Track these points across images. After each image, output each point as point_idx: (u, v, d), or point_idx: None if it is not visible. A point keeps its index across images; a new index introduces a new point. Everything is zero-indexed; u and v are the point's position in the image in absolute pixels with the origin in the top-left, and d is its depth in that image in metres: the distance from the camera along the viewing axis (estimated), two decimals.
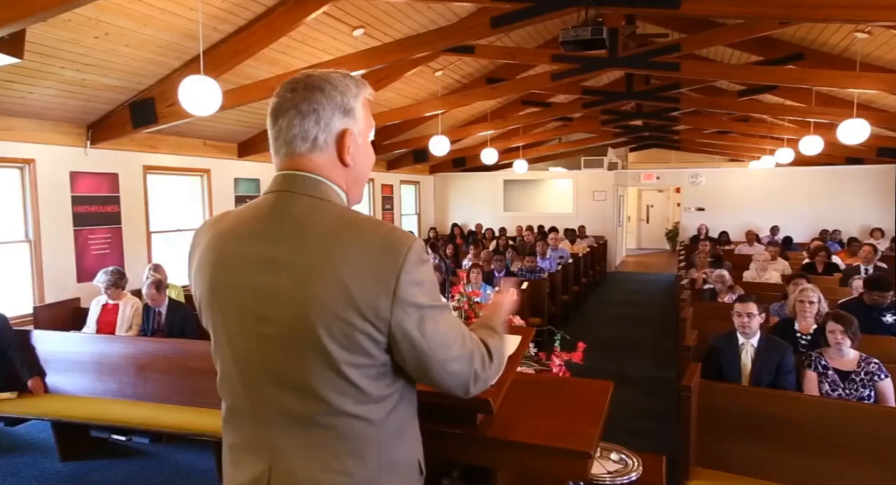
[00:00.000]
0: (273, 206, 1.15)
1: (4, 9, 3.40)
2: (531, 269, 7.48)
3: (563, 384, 1.88)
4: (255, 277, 1.11)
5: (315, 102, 1.14)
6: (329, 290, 1.06)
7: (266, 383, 1.13)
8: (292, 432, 1.12)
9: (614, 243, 13.98)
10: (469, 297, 2.29)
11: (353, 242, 1.09)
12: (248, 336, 1.13)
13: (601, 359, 6.53)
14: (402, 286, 1.07)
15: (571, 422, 1.54)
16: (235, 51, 5.54)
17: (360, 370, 1.10)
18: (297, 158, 1.16)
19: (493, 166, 13.71)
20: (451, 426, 1.50)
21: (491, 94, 8.06)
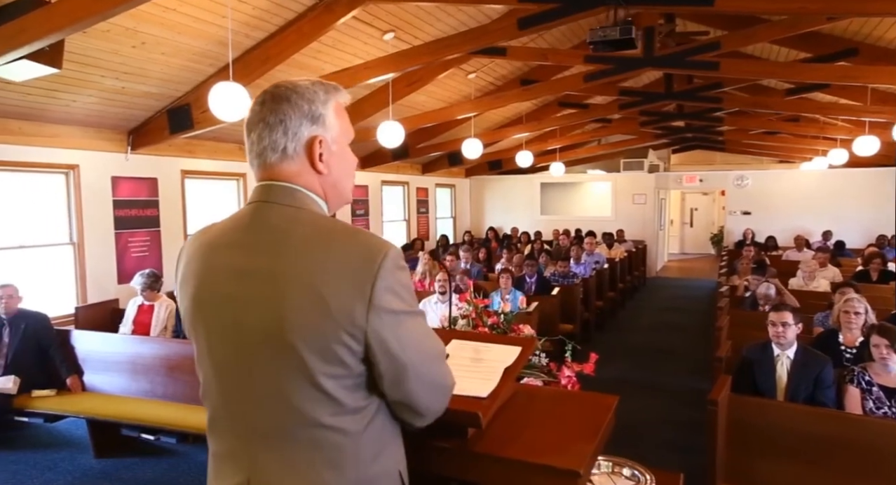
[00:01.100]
0: (252, 216, 1.16)
1: (43, 21, 3.54)
2: (564, 274, 7.34)
3: (566, 398, 1.80)
4: (234, 288, 1.11)
5: (281, 113, 1.14)
6: (304, 299, 1.05)
7: (244, 393, 1.12)
8: (270, 443, 1.11)
9: (655, 248, 13.62)
10: (476, 305, 2.22)
11: (329, 250, 1.08)
12: (227, 346, 1.13)
13: (634, 367, 6.35)
14: (378, 293, 1.06)
15: (566, 438, 1.46)
16: (267, 57, 5.63)
17: (337, 381, 1.08)
18: (270, 169, 1.16)
19: (530, 169, 13.57)
20: (441, 440, 1.44)
21: (523, 96, 7.97)
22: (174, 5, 4.66)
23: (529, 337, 2.05)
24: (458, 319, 2.18)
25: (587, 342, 7.24)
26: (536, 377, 2.05)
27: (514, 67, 8.78)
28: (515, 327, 2.17)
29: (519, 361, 1.68)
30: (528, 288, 6.76)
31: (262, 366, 1.08)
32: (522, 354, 1.71)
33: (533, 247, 10.60)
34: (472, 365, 1.67)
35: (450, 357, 1.72)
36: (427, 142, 10.34)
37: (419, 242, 10.80)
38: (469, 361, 1.70)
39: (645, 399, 5.34)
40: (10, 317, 4.63)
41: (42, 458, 4.33)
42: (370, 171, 10.93)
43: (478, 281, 6.84)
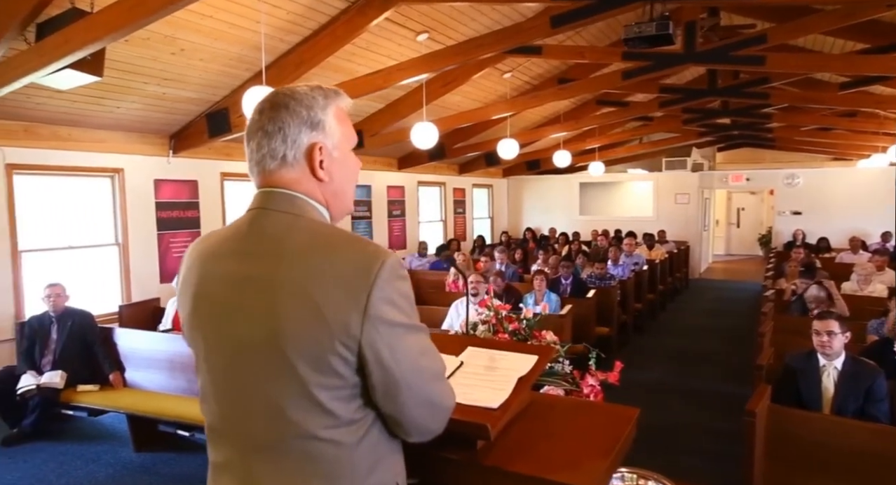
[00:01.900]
0: (249, 224, 1.14)
1: (84, 31, 3.66)
2: (601, 276, 7.18)
3: (585, 409, 1.73)
4: (230, 297, 1.10)
5: (279, 121, 1.12)
6: (299, 308, 1.03)
7: (239, 403, 1.11)
8: (265, 454, 1.10)
9: (698, 249, 13.23)
10: (497, 310, 2.17)
11: (325, 258, 1.05)
12: (223, 356, 1.12)
13: (673, 371, 6.17)
14: (374, 303, 1.03)
15: (580, 453, 1.41)
16: (301, 60, 5.70)
17: (331, 392, 1.06)
18: (269, 176, 1.14)
19: (569, 169, 13.37)
20: (449, 451, 1.41)
21: (559, 95, 7.84)
22: (210, 12, 4.76)
23: (547, 345, 1.99)
24: (479, 325, 2.14)
25: (625, 345, 7.09)
26: (558, 386, 1.98)
27: (550, 66, 8.65)
28: (537, 334, 2.11)
29: (535, 370, 1.63)
30: (563, 290, 6.64)
31: (257, 376, 1.07)
32: (539, 363, 1.66)
33: (570, 248, 10.44)
34: (486, 374, 1.63)
35: (464, 365, 1.68)
36: (463, 142, 10.30)
37: (455, 243, 10.78)
38: (483, 370, 1.65)
39: (683, 405, 5.18)
40: (57, 315, 4.82)
41: (86, 450, 4.49)
42: (406, 171, 10.97)
43: (511, 283, 6.76)
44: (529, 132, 10.59)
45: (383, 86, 5.81)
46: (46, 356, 4.75)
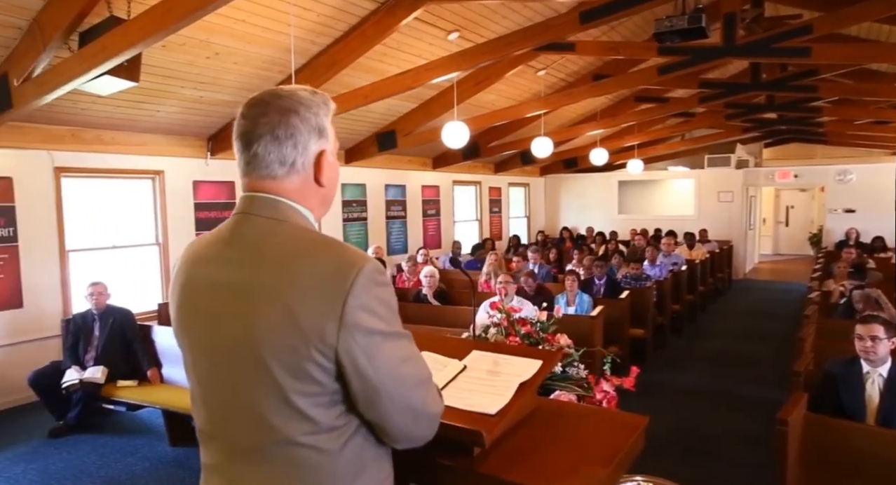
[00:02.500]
0: (231, 230, 1.14)
1: (119, 38, 3.78)
2: (636, 276, 7.02)
3: (592, 416, 1.68)
4: (211, 303, 1.11)
5: (292, 127, 1.11)
6: (276, 315, 1.02)
7: (223, 408, 1.12)
8: (249, 459, 1.10)
9: (742, 248, 12.79)
10: (508, 313, 2.13)
11: (302, 264, 1.05)
12: (207, 361, 1.13)
13: (710, 375, 5.97)
14: (350, 310, 1.01)
15: (580, 461, 1.37)
16: (332, 61, 5.76)
17: (310, 399, 1.05)
18: (270, 182, 1.13)
19: (607, 167, 13.12)
20: (445, 457, 1.38)
21: (593, 92, 7.69)
22: (242, 16, 4.85)
23: (552, 350, 1.94)
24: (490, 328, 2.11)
25: (661, 348, 6.91)
26: (570, 391, 1.93)
27: (585, 63, 8.51)
28: (550, 337, 2.06)
29: (538, 375, 1.60)
30: (596, 291, 6.51)
31: (238, 382, 1.07)
32: (542, 368, 1.62)
33: (607, 247, 10.24)
34: (488, 378, 1.60)
35: (467, 369, 1.66)
36: (498, 141, 10.23)
37: (490, 242, 10.72)
38: (486, 374, 1.63)
39: (719, 410, 5.01)
40: (99, 312, 5.01)
41: (125, 443, 4.65)
42: (441, 171, 10.97)
43: (544, 283, 6.67)
44: (565, 130, 10.45)
45: (412, 86, 5.82)
46: (89, 352, 4.94)
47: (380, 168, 9.51)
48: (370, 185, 9.41)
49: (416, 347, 1.14)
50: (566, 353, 2.08)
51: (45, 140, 5.53)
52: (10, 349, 5.28)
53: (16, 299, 5.36)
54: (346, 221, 8.99)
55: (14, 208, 5.36)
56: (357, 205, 9.19)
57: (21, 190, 5.41)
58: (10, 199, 5.34)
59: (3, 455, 4.41)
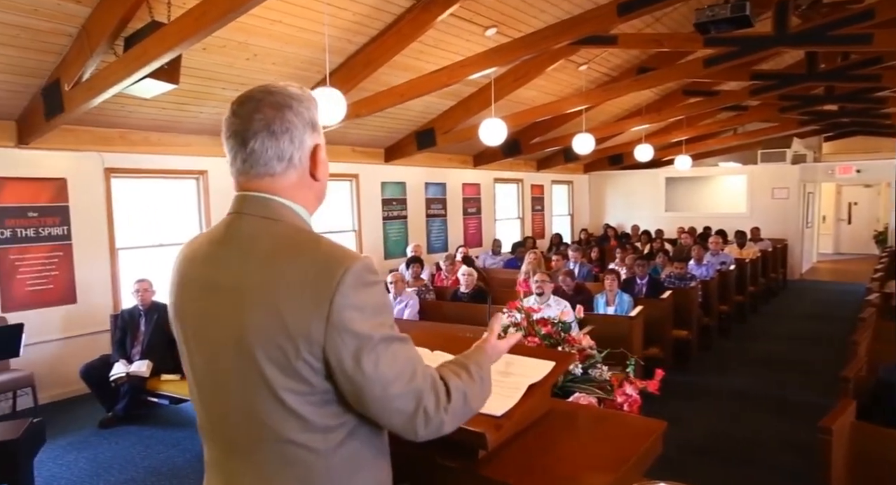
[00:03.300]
0: (225, 229, 1.14)
1: (159, 42, 3.90)
2: (680, 276, 6.78)
3: (608, 419, 1.61)
4: (203, 302, 1.11)
5: (287, 121, 1.10)
6: (264, 314, 1.02)
7: (219, 405, 1.12)
8: (244, 456, 1.10)
9: (798, 247, 12.22)
10: (528, 313, 2.07)
11: (289, 264, 1.03)
12: (202, 359, 1.13)
13: (758, 379, 5.72)
14: (336, 310, 0.99)
15: (585, 466, 1.31)
16: (369, 60, 5.80)
17: (301, 398, 1.03)
18: (269, 179, 1.12)
19: (654, 163, 12.77)
20: (449, 459, 1.35)
21: (635, 86, 7.48)
22: (278, 17, 4.93)
23: (567, 352, 1.87)
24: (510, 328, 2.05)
25: (706, 350, 6.67)
26: (590, 394, 1.86)
27: (629, 56, 8.28)
28: (570, 339, 1.99)
29: (549, 377, 1.55)
30: (637, 290, 6.33)
31: (231, 380, 1.07)
32: (554, 370, 1.57)
33: (652, 246, 9.95)
34: (498, 379, 1.55)
35: None
36: (540, 137, 10.09)
37: (530, 241, 10.60)
38: (496, 375, 1.58)
39: (765, 416, 4.78)
40: (145, 308, 5.20)
41: (168, 435, 4.81)
42: (482, 169, 10.91)
43: (584, 282, 6.55)
44: (609, 126, 10.21)
45: (447, 83, 5.79)
46: (136, 346, 5.13)
47: (420, 166, 9.53)
48: (410, 183, 9.44)
49: (409, 348, 1.09)
50: (588, 354, 2.01)
51: (96, 142, 5.77)
52: (64, 343, 5.54)
53: (70, 296, 5.62)
54: (385, 220, 9.04)
55: (68, 208, 5.62)
56: (397, 203, 9.23)
57: (74, 190, 5.67)
58: (64, 199, 5.60)
59: (57, 443, 4.63)
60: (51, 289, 5.51)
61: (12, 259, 5.29)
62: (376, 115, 7.08)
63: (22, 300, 5.33)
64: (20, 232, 5.34)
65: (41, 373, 5.24)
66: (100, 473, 4.13)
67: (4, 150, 5.28)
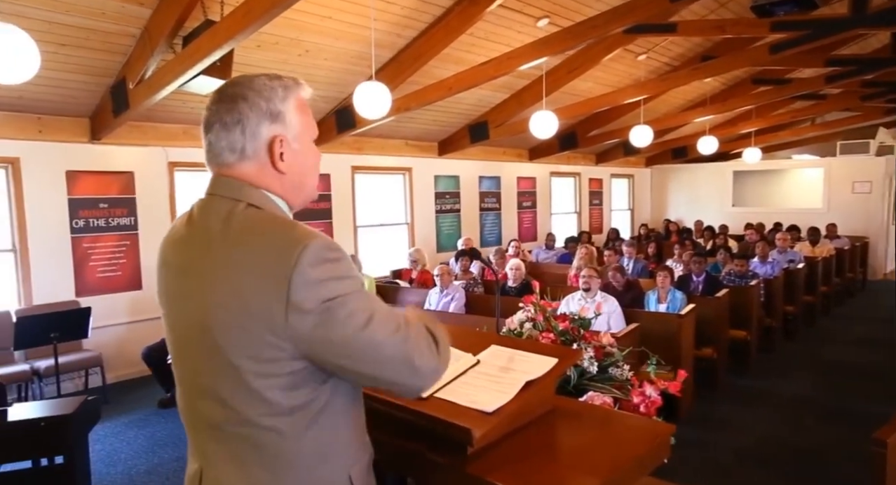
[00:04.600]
0: (197, 212, 1.15)
1: (210, 40, 4.06)
2: (740, 274, 6.45)
3: (613, 420, 1.55)
4: (175, 285, 1.13)
5: (238, 112, 1.10)
6: (226, 297, 1.02)
7: (191, 386, 1.14)
8: (214, 437, 1.12)
9: (881, 245, 11.36)
10: (543, 308, 2.02)
11: (250, 245, 1.03)
12: (176, 341, 1.15)
13: (823, 385, 5.37)
14: (295, 289, 0.98)
15: (576, 468, 1.27)
16: (418, 54, 5.82)
17: (267, 380, 1.04)
18: (228, 169, 1.13)
19: (721, 156, 12.20)
20: (437, 454, 1.34)
21: (695, 76, 7.14)
22: (329, 13, 5.03)
23: (571, 349, 1.81)
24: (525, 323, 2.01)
25: (768, 352, 6.33)
26: (606, 393, 1.80)
27: (692, 44, 7.93)
28: (588, 335, 1.93)
29: (549, 374, 1.50)
30: (693, 288, 6.07)
31: (200, 363, 1.08)
32: (556, 367, 1.53)
33: (714, 242, 9.51)
34: (497, 375, 1.53)
35: (480, 364, 1.60)
36: (599, 130, 9.84)
37: (585, 235, 10.37)
38: (497, 370, 1.56)
39: (828, 425, 4.48)
40: None
41: None
42: (537, 162, 10.76)
43: (634, 279, 6.35)
44: (671, 117, 9.82)
45: (495, 75, 5.72)
46: None
47: (474, 160, 9.49)
48: (464, 176, 9.43)
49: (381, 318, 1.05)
50: (608, 352, 1.94)
51: (161, 137, 6.09)
52: (129, 327, 5.89)
53: (135, 282, 5.97)
54: (438, 213, 9.08)
55: (135, 200, 5.97)
56: (450, 197, 9.24)
57: (141, 183, 6.01)
58: (131, 191, 5.94)
59: (120, 420, 4.94)
60: (119, 276, 5.87)
61: (85, 247, 5.67)
62: (427, 109, 7.11)
63: (93, 286, 5.71)
64: (92, 222, 5.71)
65: (109, 354, 5.60)
66: (155, 450, 4.37)
67: (79, 145, 5.66)
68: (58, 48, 4.52)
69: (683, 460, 3.89)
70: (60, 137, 5.53)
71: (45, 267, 5.47)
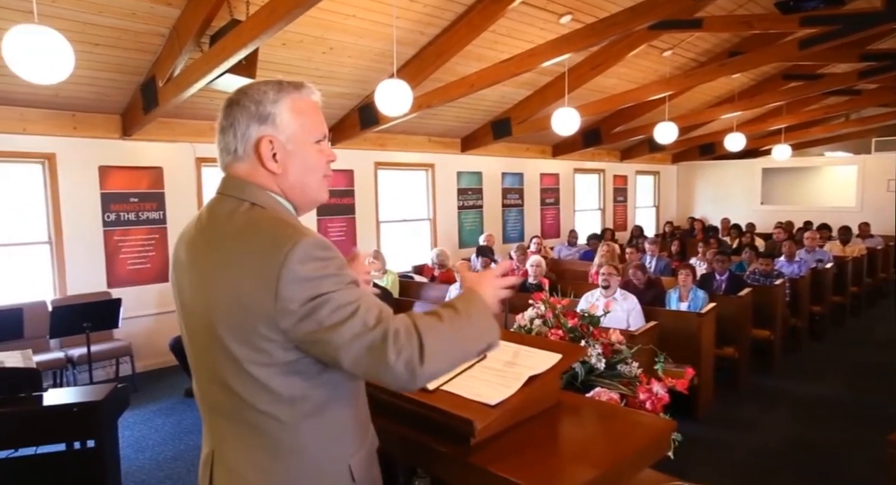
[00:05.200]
0: (206, 210, 1.22)
1: (236, 38, 4.15)
2: (765, 273, 6.35)
3: (615, 416, 1.57)
4: (183, 279, 1.21)
5: (230, 117, 1.18)
6: (223, 292, 1.09)
7: (201, 374, 1.21)
8: (223, 421, 1.19)
9: None
10: (553, 305, 2.05)
11: (245, 243, 1.10)
12: (187, 332, 1.23)
13: (847, 388, 5.27)
14: (284, 285, 1.04)
15: (575, 461, 1.30)
16: (440, 51, 5.86)
17: (266, 369, 1.10)
18: (227, 169, 1.22)
19: (750, 153, 11.99)
20: (441, 443, 1.39)
21: (722, 72, 7.02)
22: (352, 12, 5.09)
23: (576, 345, 1.83)
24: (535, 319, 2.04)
25: (793, 353, 6.23)
26: (613, 389, 1.82)
27: (720, 40, 7.82)
28: (597, 332, 1.95)
29: (552, 370, 1.54)
30: (716, 287, 6.00)
31: (205, 352, 1.16)
32: (560, 363, 1.56)
33: (741, 241, 9.36)
34: (501, 369, 1.58)
35: (485, 359, 1.64)
36: (623, 126, 9.75)
37: (609, 232, 10.30)
38: (502, 365, 1.60)
39: (847, 427, 4.41)
40: None
41: None
42: (561, 158, 10.71)
43: (656, 277, 6.30)
44: (697, 114, 9.68)
45: (516, 72, 5.72)
46: None
47: (497, 156, 9.51)
48: (486, 173, 9.45)
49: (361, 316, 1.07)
50: (616, 349, 1.96)
51: (189, 134, 6.25)
52: (157, 318, 6.07)
53: (164, 275, 6.14)
54: (461, 209, 9.12)
55: (164, 195, 6.14)
56: (472, 193, 9.27)
57: (169, 178, 6.18)
58: (160, 186, 6.12)
59: (148, 408, 5.11)
60: (148, 268, 6.05)
61: (116, 240, 5.86)
62: (450, 105, 7.14)
63: (123, 278, 5.90)
64: (123, 216, 5.90)
65: (138, 344, 5.79)
66: (181, 437, 4.52)
67: (111, 141, 5.84)
68: (92, 48, 4.68)
69: (703, 459, 3.88)
70: (93, 133, 5.72)
71: (78, 259, 5.67)
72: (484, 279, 1.29)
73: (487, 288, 1.27)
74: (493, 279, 1.30)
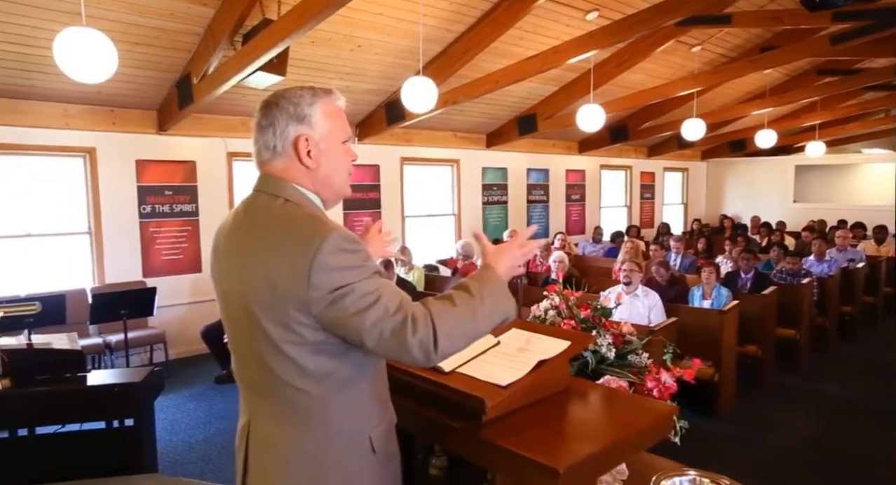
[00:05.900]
0: (245, 203, 1.36)
1: (268, 37, 4.29)
2: (793, 271, 6.28)
3: (621, 400, 1.64)
4: (223, 266, 1.34)
5: (271, 117, 1.31)
6: (260, 278, 1.22)
7: (239, 351, 1.35)
8: (259, 394, 1.32)
9: None
10: (566, 297, 2.12)
11: (280, 234, 1.22)
12: (227, 315, 1.36)
13: (877, 390, 5.19)
14: (315, 273, 1.16)
15: (573, 437, 1.39)
16: (467, 48, 5.92)
17: (297, 347, 1.22)
18: (264, 165, 1.34)
19: (783, 150, 11.77)
20: (453, 419, 1.48)
21: (751, 68, 6.93)
22: (380, 9, 5.19)
23: (584, 333, 1.90)
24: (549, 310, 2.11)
25: (820, 352, 6.16)
26: (621, 377, 1.89)
27: (751, 35, 7.71)
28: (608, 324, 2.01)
29: (561, 355, 1.62)
30: (742, 285, 5.96)
31: (243, 332, 1.29)
32: (568, 349, 1.64)
33: (770, 239, 9.23)
34: (513, 354, 1.66)
35: (500, 344, 1.73)
36: (651, 122, 9.68)
37: (634, 229, 10.24)
38: (514, 350, 1.69)
39: (868, 429, 4.36)
40: None
41: None
42: (587, 155, 10.68)
43: (680, 274, 6.28)
44: (727, 110, 9.55)
45: (541, 69, 5.76)
46: None
47: (522, 152, 9.54)
48: (511, 168, 9.49)
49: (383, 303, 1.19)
50: (627, 340, 2.02)
51: (221, 129, 6.44)
52: (190, 307, 6.29)
53: (196, 265, 6.37)
54: (485, 204, 9.18)
55: (196, 188, 6.35)
56: (497, 188, 9.33)
57: (202, 172, 6.39)
58: (193, 179, 6.33)
59: (180, 394, 5.32)
60: (181, 259, 6.28)
61: (151, 232, 6.10)
62: (476, 102, 7.21)
63: (157, 268, 6.13)
64: (157, 208, 6.13)
65: (171, 332, 6.01)
66: (211, 421, 4.70)
67: (147, 136, 6.07)
68: (132, 47, 4.87)
69: (724, 456, 3.89)
70: (131, 128, 5.95)
71: (116, 249, 5.92)
72: (504, 251, 1.39)
73: (507, 259, 1.37)
74: (513, 250, 1.39)
